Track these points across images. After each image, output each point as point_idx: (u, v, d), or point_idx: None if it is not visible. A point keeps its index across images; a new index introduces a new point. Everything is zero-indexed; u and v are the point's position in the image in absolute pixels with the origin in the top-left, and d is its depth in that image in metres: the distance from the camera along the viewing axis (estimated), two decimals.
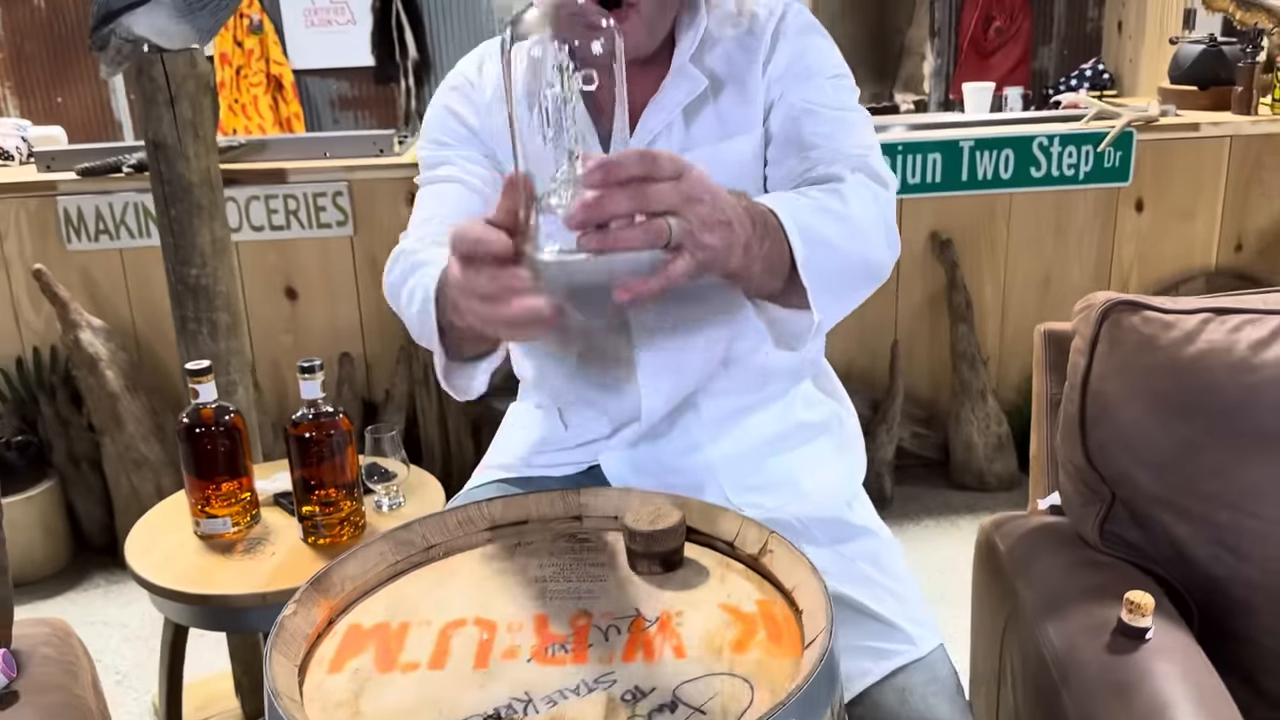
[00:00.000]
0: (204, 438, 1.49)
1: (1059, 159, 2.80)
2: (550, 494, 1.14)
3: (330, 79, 4.81)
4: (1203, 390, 1.17)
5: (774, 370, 1.28)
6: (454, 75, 1.26)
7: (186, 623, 1.49)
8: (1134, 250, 2.92)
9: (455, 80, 1.26)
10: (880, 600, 1.16)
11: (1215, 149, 2.85)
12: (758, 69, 1.17)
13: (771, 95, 1.17)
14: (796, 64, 1.16)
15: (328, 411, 1.44)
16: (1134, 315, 1.23)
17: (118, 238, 2.70)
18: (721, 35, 1.19)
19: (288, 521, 1.58)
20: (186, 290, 1.84)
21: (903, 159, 2.77)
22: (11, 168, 2.89)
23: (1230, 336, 1.19)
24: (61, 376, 2.76)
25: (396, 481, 1.60)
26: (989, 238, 2.89)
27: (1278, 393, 1.15)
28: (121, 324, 2.74)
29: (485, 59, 1.25)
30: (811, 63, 1.16)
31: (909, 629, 1.14)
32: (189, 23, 1.62)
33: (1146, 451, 1.20)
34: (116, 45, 1.73)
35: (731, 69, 1.18)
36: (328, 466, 1.45)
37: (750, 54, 1.18)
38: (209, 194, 1.80)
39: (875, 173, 1.12)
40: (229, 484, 1.52)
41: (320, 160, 2.71)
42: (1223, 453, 1.16)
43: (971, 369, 2.88)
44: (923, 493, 2.96)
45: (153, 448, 2.62)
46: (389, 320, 2.81)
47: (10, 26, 4.75)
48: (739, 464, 1.25)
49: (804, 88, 1.15)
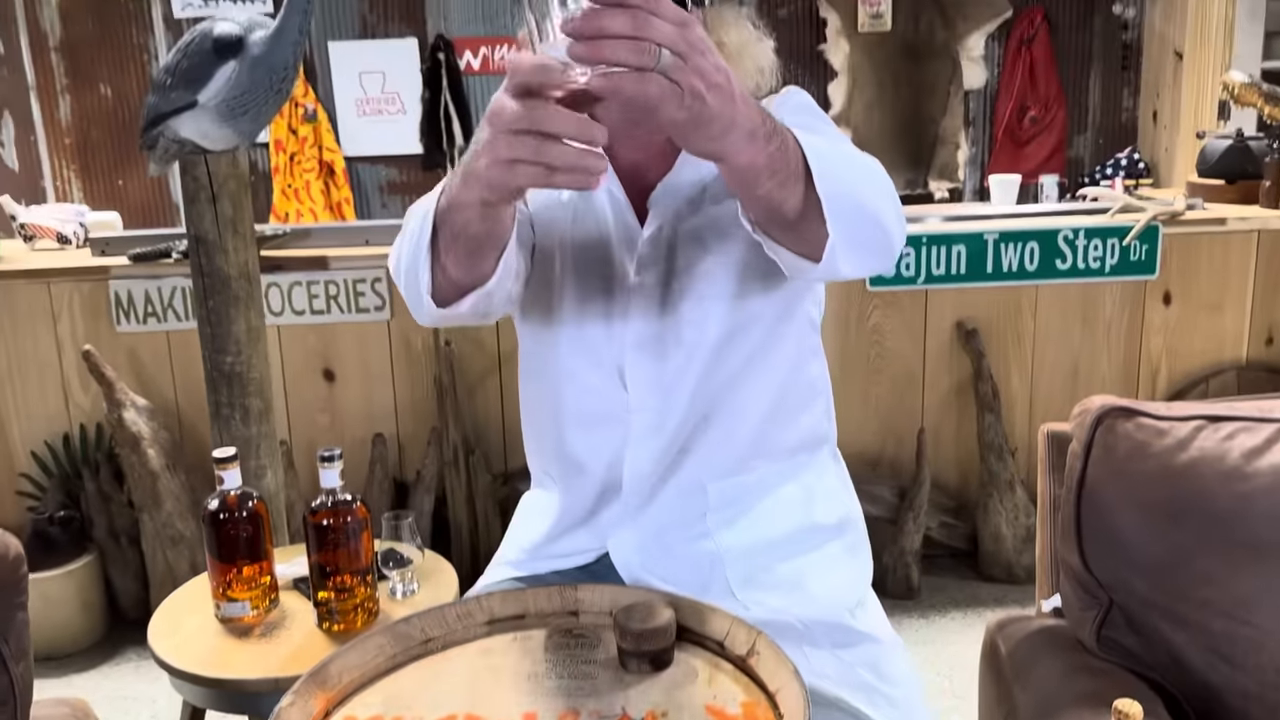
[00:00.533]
0: (227, 523, 1.55)
1: (1085, 252, 2.82)
2: (549, 589, 1.17)
3: (380, 165, 4.97)
4: (1195, 498, 1.18)
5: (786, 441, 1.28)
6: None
7: (203, 705, 1.53)
8: (1163, 343, 2.92)
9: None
10: (877, 706, 1.17)
11: (1243, 243, 2.86)
12: None
13: None
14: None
15: (345, 500, 1.49)
16: (1128, 422, 1.25)
17: (165, 320, 2.80)
18: None
19: (305, 606, 1.63)
20: (221, 377, 1.93)
21: (928, 250, 2.81)
22: (69, 251, 3.02)
23: (1223, 444, 1.20)
24: (105, 454, 2.86)
25: (411, 568, 1.65)
26: (1015, 328, 2.90)
27: (1270, 502, 1.15)
28: (165, 403, 2.84)
29: None
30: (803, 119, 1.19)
31: None
32: (231, 126, 1.73)
33: (1141, 558, 1.21)
34: (164, 145, 1.84)
35: None
36: (343, 553, 1.50)
37: None
38: (246, 286, 1.90)
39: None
40: (250, 568, 1.58)
41: (361, 248, 2.81)
42: (1216, 561, 1.16)
43: (999, 459, 2.87)
44: (950, 584, 2.94)
45: (189, 525, 2.69)
46: (422, 402, 2.88)
47: (79, 113, 4.99)
48: (747, 561, 1.26)
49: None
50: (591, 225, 1.25)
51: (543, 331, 1.28)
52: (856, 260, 1.02)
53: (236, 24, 1.69)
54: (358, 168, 4.97)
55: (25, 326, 2.83)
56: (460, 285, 1.07)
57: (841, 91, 4.71)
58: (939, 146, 4.79)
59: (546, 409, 1.31)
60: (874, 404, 2.88)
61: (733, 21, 1.23)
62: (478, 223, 0.97)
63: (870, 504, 2.82)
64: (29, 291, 2.81)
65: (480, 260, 1.04)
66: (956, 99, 4.77)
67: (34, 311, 2.82)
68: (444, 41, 4.78)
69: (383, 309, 2.82)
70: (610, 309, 1.24)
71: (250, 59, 1.66)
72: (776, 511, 1.26)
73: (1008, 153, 4.82)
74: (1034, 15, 4.73)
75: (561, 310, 1.25)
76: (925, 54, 4.75)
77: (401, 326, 2.85)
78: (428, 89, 4.81)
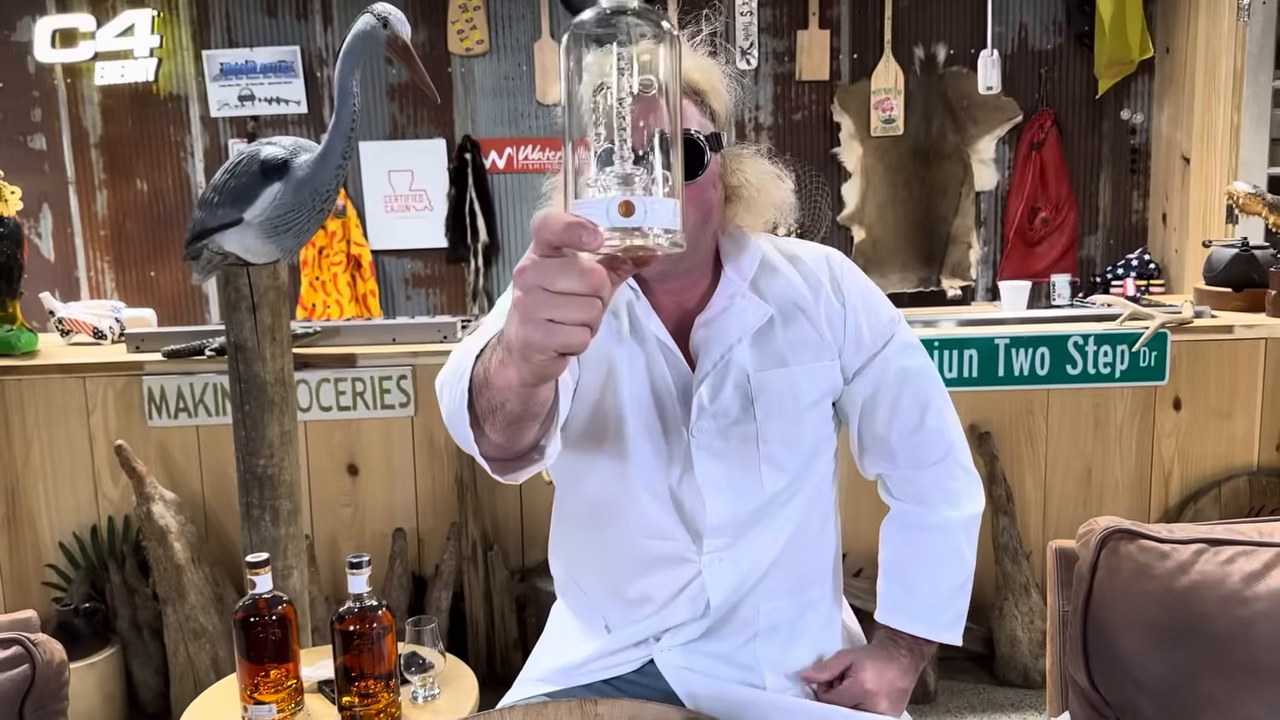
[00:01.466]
0: (257, 626, 1.59)
1: (1095, 358, 2.88)
2: (570, 703, 1.22)
3: (405, 259, 5.10)
4: (1197, 620, 1.21)
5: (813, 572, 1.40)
6: None
7: None
8: (1174, 447, 2.95)
9: None
10: None
11: (1251, 350, 2.91)
12: (820, 306, 1.31)
13: (848, 350, 1.34)
14: (868, 328, 1.35)
15: (371, 605, 1.54)
16: (1131, 544, 1.29)
17: (195, 415, 2.88)
18: (775, 266, 1.33)
19: (328, 709, 1.66)
20: (254, 479, 1.99)
21: (941, 354, 2.88)
22: (104, 346, 3.12)
23: (1223, 568, 1.24)
24: (131, 546, 2.91)
25: (433, 673, 1.68)
26: (1028, 432, 2.95)
27: (1269, 626, 1.19)
28: (192, 496, 2.90)
29: None
30: (878, 324, 1.36)
31: None
32: (274, 243, 1.82)
33: (1146, 678, 1.24)
34: (208, 257, 1.93)
35: (795, 299, 1.32)
36: (368, 658, 1.54)
37: (813, 288, 1.32)
38: (280, 391, 1.97)
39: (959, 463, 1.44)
40: (277, 671, 1.62)
41: (388, 346, 2.89)
42: (1218, 683, 1.20)
43: (1014, 562, 2.89)
44: (967, 688, 2.93)
45: (211, 619, 2.73)
46: (442, 498, 2.94)
47: (114, 207, 5.16)
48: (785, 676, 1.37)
49: (882, 358, 1.35)
50: (643, 375, 1.30)
51: (604, 479, 1.31)
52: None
53: (283, 147, 1.79)
54: (384, 260, 5.11)
55: (59, 419, 2.91)
56: (507, 450, 1.04)
57: (855, 192, 4.83)
58: (951, 246, 4.89)
59: (609, 552, 1.36)
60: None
61: (750, 162, 1.31)
62: (515, 400, 0.95)
63: None
64: (64, 386, 2.90)
65: (523, 431, 1.01)
66: (968, 200, 4.88)
67: (68, 405, 2.91)
68: (470, 142, 4.95)
69: (407, 406, 2.89)
70: (672, 456, 1.30)
71: (295, 181, 1.77)
72: (808, 634, 1.35)
73: (1019, 252, 4.91)
74: (1044, 120, 4.86)
75: (627, 460, 1.29)
76: (937, 156, 4.88)
77: (425, 422, 2.91)
78: (454, 186, 4.97)
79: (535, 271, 0.76)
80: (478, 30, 4.89)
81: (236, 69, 4.99)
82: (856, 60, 4.89)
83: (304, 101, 4.97)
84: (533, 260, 0.77)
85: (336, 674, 1.56)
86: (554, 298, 0.76)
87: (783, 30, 4.89)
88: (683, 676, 1.34)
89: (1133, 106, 4.94)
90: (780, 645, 1.36)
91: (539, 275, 0.76)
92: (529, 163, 5.03)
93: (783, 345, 1.30)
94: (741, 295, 1.30)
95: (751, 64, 4.88)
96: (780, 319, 1.31)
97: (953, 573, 1.40)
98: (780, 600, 1.36)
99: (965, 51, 4.84)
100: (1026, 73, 4.87)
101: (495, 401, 0.96)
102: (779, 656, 1.36)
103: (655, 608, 1.34)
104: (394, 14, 1.69)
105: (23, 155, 5.07)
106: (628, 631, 1.37)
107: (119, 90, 5.02)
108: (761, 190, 1.30)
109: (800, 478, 1.33)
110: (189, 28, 4.97)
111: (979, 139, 4.86)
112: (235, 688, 1.73)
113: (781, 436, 1.30)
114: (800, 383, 1.30)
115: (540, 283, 0.76)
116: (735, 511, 1.30)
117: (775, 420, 1.29)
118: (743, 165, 1.29)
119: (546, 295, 0.76)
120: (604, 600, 1.39)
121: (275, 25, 4.97)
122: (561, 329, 0.76)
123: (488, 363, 0.95)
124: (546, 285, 0.76)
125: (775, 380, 1.29)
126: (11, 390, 2.89)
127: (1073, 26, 4.83)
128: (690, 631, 1.34)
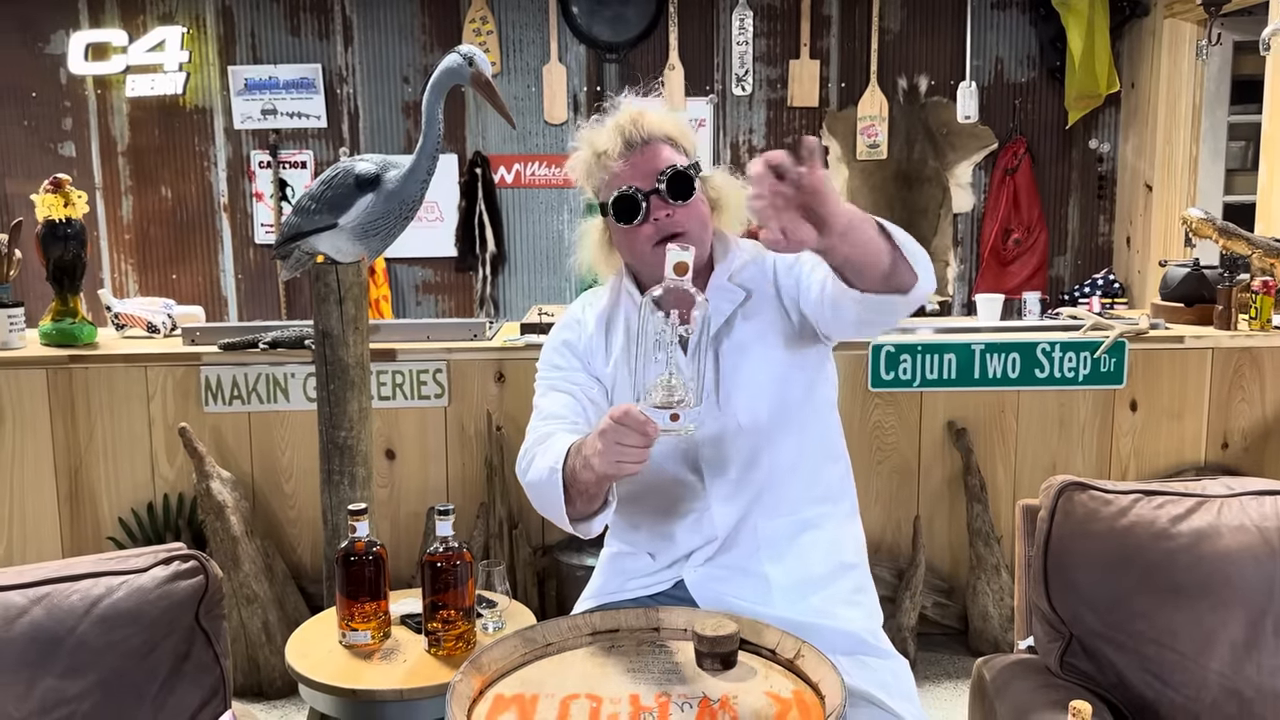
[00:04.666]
0: (356, 565, 1.89)
1: (1060, 363, 3.22)
2: (637, 610, 1.52)
3: (416, 267, 5.40)
4: (1132, 552, 1.54)
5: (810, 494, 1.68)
6: (567, 316, 1.80)
7: (335, 714, 1.84)
8: (1131, 445, 3.29)
9: (567, 320, 1.79)
10: (894, 699, 1.53)
11: (1199, 359, 3.26)
12: (771, 284, 1.68)
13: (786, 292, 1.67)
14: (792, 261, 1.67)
15: (455, 546, 1.84)
16: (1082, 493, 1.61)
17: (248, 403, 3.17)
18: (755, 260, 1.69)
19: (412, 637, 1.96)
20: (335, 449, 2.28)
21: (923, 357, 3.21)
22: (161, 339, 3.39)
23: (1155, 512, 1.57)
24: (186, 520, 3.19)
25: (499, 609, 1.99)
26: (1000, 428, 3.28)
27: (1189, 556, 1.52)
28: (243, 476, 3.19)
29: (587, 305, 1.78)
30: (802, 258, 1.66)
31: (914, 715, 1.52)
32: (364, 244, 2.12)
33: (1093, 599, 1.56)
34: (298, 256, 2.22)
35: (756, 284, 1.69)
36: (452, 592, 1.83)
37: (764, 273, 1.69)
38: (360, 373, 2.27)
39: None
40: (370, 604, 1.91)
41: (424, 343, 3.19)
42: (1148, 600, 1.52)
43: (986, 545, 3.22)
44: (944, 658, 3.25)
45: (263, 585, 3.01)
46: (472, 481, 3.23)
47: (139, 212, 5.42)
48: (790, 589, 1.65)
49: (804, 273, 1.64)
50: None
51: None
52: (926, 278, 1.43)
53: (373, 164, 2.09)
54: (396, 268, 5.40)
55: (121, 405, 3.18)
56: (586, 511, 1.54)
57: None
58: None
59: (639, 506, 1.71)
60: (875, 493, 3.25)
61: (719, 177, 1.72)
62: (594, 487, 1.48)
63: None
64: (127, 374, 3.18)
65: (598, 498, 1.52)
66: (946, 221, 5.24)
67: (130, 392, 3.18)
68: (481, 157, 5.26)
69: (441, 396, 3.19)
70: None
71: (385, 192, 2.06)
72: (812, 551, 1.65)
73: (993, 270, 5.26)
74: (1017, 147, 5.23)
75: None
76: (918, 180, 5.23)
77: (457, 412, 3.21)
78: (464, 199, 5.28)
79: (614, 433, 1.36)
80: (490, 53, 5.20)
81: (260, 84, 5.28)
82: (844, 89, 5.24)
83: (324, 116, 5.27)
84: (612, 425, 1.36)
85: (425, 605, 1.86)
86: (623, 449, 1.36)
87: (776, 59, 5.24)
88: (704, 591, 1.65)
89: (1100, 137, 5.32)
90: (782, 559, 1.64)
91: (617, 435, 1.35)
92: (536, 178, 5.34)
93: (753, 313, 1.67)
94: (722, 285, 1.68)
95: (746, 90, 5.22)
96: (754, 299, 1.68)
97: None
98: (778, 520, 1.65)
99: (945, 83, 5.21)
100: (1002, 104, 5.25)
101: (580, 489, 1.49)
102: (782, 569, 1.63)
103: (676, 536, 1.68)
104: (478, 54, 1.99)
105: (52, 161, 5.33)
106: (661, 557, 1.69)
107: (147, 102, 5.30)
108: (732, 194, 1.70)
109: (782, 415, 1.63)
110: (216, 44, 5.26)
111: (957, 164, 5.22)
112: (325, 624, 2.03)
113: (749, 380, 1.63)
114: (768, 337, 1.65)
115: (617, 439, 1.36)
116: (728, 457, 1.63)
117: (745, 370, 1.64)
118: (714, 181, 1.71)
119: (619, 448, 1.36)
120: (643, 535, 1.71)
121: (298, 44, 5.27)
122: (627, 465, 1.37)
123: (573, 466, 1.48)
124: (621, 441, 1.35)
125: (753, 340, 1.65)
126: (78, 378, 3.16)
127: (1045, 62, 5.21)
128: (707, 552, 1.66)
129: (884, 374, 3.20)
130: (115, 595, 1.43)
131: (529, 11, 5.21)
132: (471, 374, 3.19)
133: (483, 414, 3.18)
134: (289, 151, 5.34)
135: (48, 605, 1.40)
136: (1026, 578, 1.77)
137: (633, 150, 1.62)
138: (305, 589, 3.19)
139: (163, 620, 1.45)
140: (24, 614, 1.39)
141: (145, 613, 1.44)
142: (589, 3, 5.16)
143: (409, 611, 2.00)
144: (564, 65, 5.23)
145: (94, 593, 1.43)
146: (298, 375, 3.12)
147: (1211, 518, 1.55)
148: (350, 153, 5.27)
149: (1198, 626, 1.51)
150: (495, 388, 3.19)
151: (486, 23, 5.20)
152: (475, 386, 3.20)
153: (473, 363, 3.19)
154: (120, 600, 1.43)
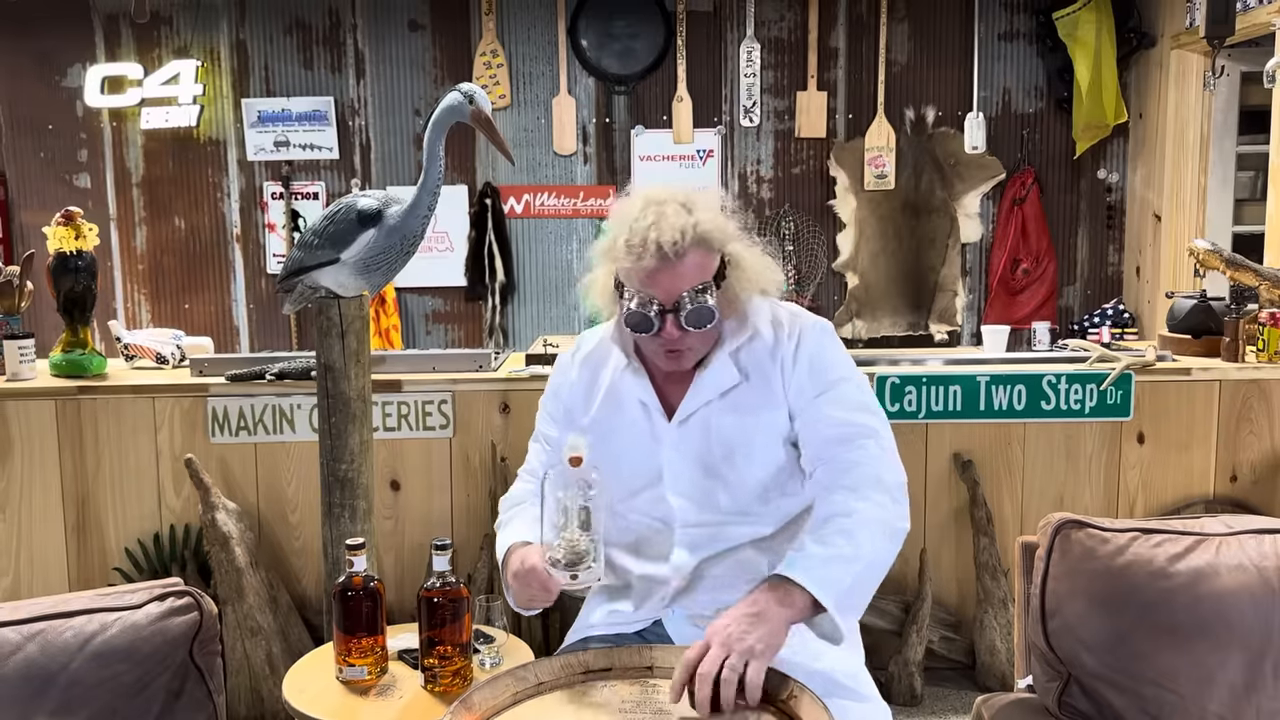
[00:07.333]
0: (353, 600, 1.89)
1: (1066, 395, 3.21)
2: (631, 649, 1.52)
3: (426, 296, 5.43)
4: (1130, 591, 1.53)
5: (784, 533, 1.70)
6: (562, 358, 1.85)
7: None
8: (1138, 477, 3.27)
9: (561, 363, 1.84)
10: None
11: (1206, 391, 3.24)
12: (778, 368, 1.68)
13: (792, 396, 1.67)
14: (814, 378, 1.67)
15: (452, 581, 1.84)
16: (1079, 531, 1.61)
17: (255, 434, 3.18)
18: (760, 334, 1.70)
19: (409, 673, 1.95)
20: (336, 481, 2.29)
21: (928, 389, 3.20)
22: (169, 370, 3.42)
23: (1152, 550, 1.55)
24: (192, 551, 3.19)
25: (497, 645, 1.98)
26: (1006, 460, 3.26)
27: (1187, 596, 1.51)
28: (249, 507, 3.19)
29: (578, 348, 1.80)
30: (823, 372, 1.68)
31: None
32: (365, 279, 2.13)
33: (1090, 638, 1.55)
34: (302, 290, 2.24)
35: (757, 364, 1.69)
36: (449, 628, 1.83)
37: (773, 355, 1.69)
38: (361, 406, 2.28)
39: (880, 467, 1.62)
40: (368, 640, 1.91)
41: (429, 374, 3.20)
42: (1146, 640, 1.51)
43: (993, 579, 3.20)
44: (951, 693, 3.22)
45: (267, 617, 3.01)
46: (476, 512, 3.23)
47: (153, 242, 5.47)
48: None
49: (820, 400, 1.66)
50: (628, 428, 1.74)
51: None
52: (900, 533, 1.59)
53: (375, 199, 2.11)
54: (406, 297, 5.43)
55: (129, 435, 3.20)
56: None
57: (849, 242, 5.18)
58: (938, 293, 5.24)
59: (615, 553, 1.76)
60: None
61: (746, 252, 1.69)
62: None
63: (877, 617, 3.14)
64: (135, 405, 3.20)
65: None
66: (954, 251, 5.24)
67: (138, 423, 3.20)
68: (491, 188, 5.30)
69: (446, 427, 3.19)
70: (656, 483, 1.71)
71: (387, 227, 2.08)
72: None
73: (1002, 300, 5.25)
74: (1025, 178, 5.23)
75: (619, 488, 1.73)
76: (926, 210, 5.24)
77: (462, 443, 3.22)
78: (474, 229, 5.30)
79: (523, 581, 1.62)
80: (500, 86, 5.24)
81: (273, 117, 5.34)
82: (852, 120, 5.26)
83: (336, 148, 5.32)
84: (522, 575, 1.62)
85: (421, 641, 1.85)
86: (532, 595, 1.61)
87: (783, 91, 5.27)
88: (680, 630, 1.66)
89: (1108, 167, 5.31)
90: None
91: (525, 583, 1.61)
92: (545, 209, 5.37)
93: (745, 399, 1.67)
94: (721, 366, 1.68)
95: (754, 121, 5.25)
96: (748, 383, 1.68)
97: (839, 544, 1.50)
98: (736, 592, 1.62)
99: (953, 113, 5.22)
100: (1009, 134, 5.25)
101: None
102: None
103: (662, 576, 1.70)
104: (478, 92, 2.01)
105: (67, 192, 5.38)
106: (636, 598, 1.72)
107: (162, 134, 5.36)
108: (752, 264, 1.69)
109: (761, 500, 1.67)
110: (230, 77, 5.32)
111: (965, 194, 5.22)
112: (323, 659, 2.03)
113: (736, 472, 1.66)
114: (751, 430, 1.66)
115: (526, 585, 1.61)
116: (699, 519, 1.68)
117: (733, 458, 1.66)
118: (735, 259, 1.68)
119: (528, 593, 1.61)
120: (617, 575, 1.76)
121: (311, 77, 5.32)
122: (536, 604, 1.64)
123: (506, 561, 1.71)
124: (528, 588, 1.60)
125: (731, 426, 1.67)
126: (86, 408, 3.19)
127: (1053, 92, 5.22)
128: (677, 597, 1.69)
129: (889, 405, 3.20)
130: (109, 632, 1.44)
131: (539, 45, 5.26)
132: (476, 405, 3.20)
133: (487, 445, 3.19)
134: (301, 183, 5.39)
135: (41, 642, 1.41)
136: (1025, 616, 1.76)
137: (664, 262, 1.58)
138: (309, 620, 3.19)
139: (156, 657, 1.45)
140: (18, 650, 1.40)
141: (139, 649, 1.44)
142: (598, 36, 5.21)
143: (407, 647, 2.00)
144: (573, 97, 5.27)
145: (88, 629, 1.44)
146: (304, 406, 3.14)
147: (1210, 557, 1.54)
148: (362, 184, 5.32)
149: (1197, 668, 1.49)
150: (500, 419, 3.20)
151: (497, 56, 5.25)
152: (480, 418, 3.20)
153: (478, 394, 3.20)
154: (114, 637, 1.44)
